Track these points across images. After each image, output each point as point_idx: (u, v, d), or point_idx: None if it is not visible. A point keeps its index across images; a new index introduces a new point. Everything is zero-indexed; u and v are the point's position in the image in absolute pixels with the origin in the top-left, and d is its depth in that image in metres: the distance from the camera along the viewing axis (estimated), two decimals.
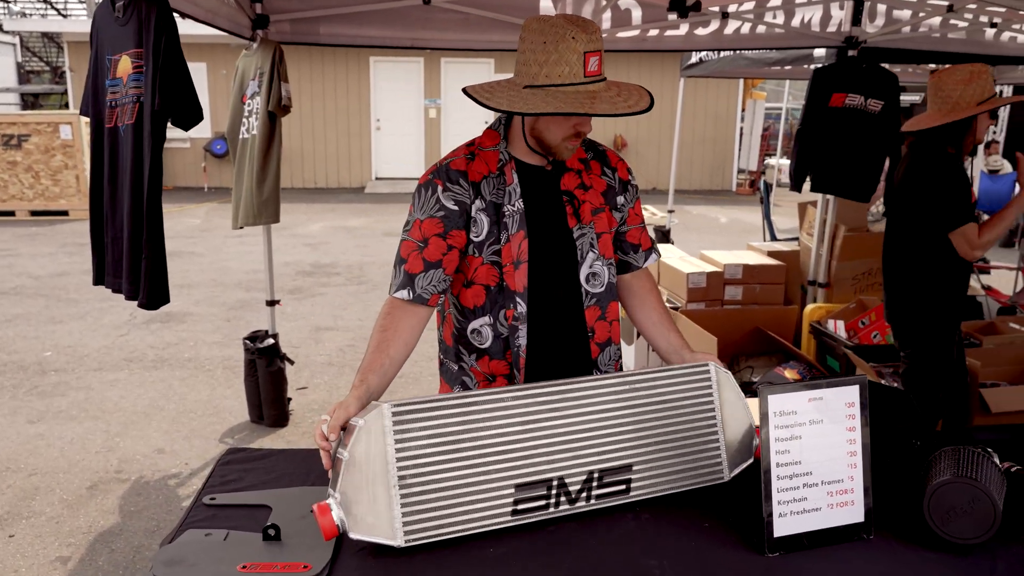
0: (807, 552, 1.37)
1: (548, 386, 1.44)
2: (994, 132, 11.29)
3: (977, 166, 10.56)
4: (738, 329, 4.15)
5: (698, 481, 1.48)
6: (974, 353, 3.64)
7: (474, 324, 1.72)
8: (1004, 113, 12.32)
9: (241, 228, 3.62)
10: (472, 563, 1.33)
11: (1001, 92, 8.31)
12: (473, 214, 1.65)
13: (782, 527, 1.36)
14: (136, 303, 2.61)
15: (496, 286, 1.68)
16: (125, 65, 2.40)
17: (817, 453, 1.39)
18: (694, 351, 1.69)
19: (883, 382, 3.49)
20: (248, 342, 3.77)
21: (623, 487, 1.44)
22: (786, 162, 16.17)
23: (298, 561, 1.30)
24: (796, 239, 5.68)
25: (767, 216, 6.44)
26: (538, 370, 1.71)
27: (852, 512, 1.41)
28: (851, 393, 1.42)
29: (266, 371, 3.70)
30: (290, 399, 3.91)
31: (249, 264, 7.75)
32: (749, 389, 3.98)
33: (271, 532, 1.37)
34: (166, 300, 2.58)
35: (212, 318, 5.86)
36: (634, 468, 1.45)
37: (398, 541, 1.30)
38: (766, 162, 15.93)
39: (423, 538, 1.31)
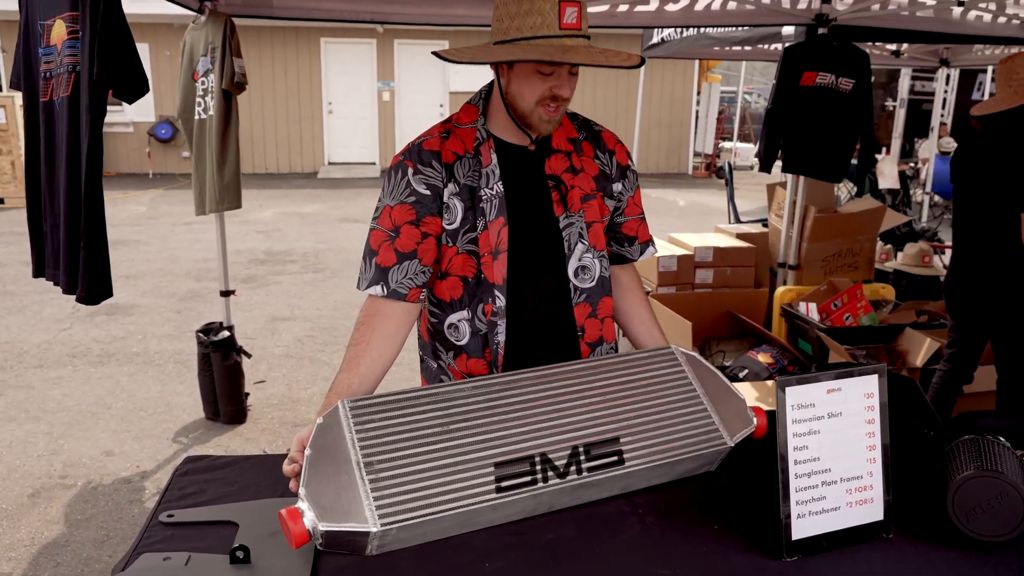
0: (826, 555, 1.28)
1: (515, 374, 1.35)
2: (942, 115, 11.49)
3: (928, 149, 10.76)
4: (709, 313, 4.08)
5: (698, 448, 1.36)
6: (942, 333, 3.62)
7: (451, 319, 1.58)
8: (951, 96, 12.56)
9: (205, 214, 3.41)
10: None
11: None
12: (446, 199, 1.50)
13: (800, 529, 1.26)
14: (75, 297, 2.39)
15: (474, 278, 1.54)
16: (59, 30, 2.17)
17: (836, 448, 1.30)
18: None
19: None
20: (201, 335, 3.56)
21: (615, 458, 1.32)
22: (743, 145, 16.34)
23: None
24: (761, 221, 5.66)
25: (731, 199, 6.41)
26: (518, 363, 1.57)
27: (871, 510, 1.32)
28: (870, 383, 1.33)
29: (221, 365, 3.50)
30: (247, 394, 3.72)
31: (199, 253, 7.45)
32: (723, 374, 3.93)
33: (239, 554, 1.22)
34: (108, 294, 2.37)
35: (161, 310, 5.59)
36: (622, 440, 1.33)
37: (373, 525, 1.16)
38: (721, 145, 16.04)
39: (400, 521, 1.18)
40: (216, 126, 3.20)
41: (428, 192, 1.50)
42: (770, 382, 3.52)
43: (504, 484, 1.26)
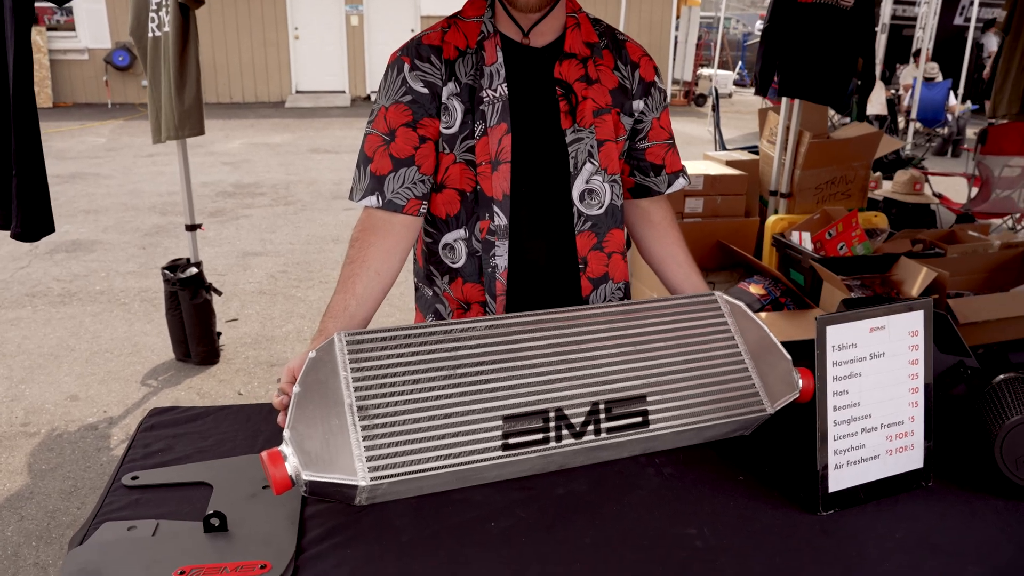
0: (863, 507, 1.17)
1: (534, 314, 1.22)
2: (920, 40, 11.28)
3: (910, 75, 10.57)
4: (699, 243, 3.94)
5: (734, 414, 1.24)
6: (939, 263, 3.54)
7: (447, 238, 1.42)
8: (932, 21, 12.33)
9: (163, 142, 3.16)
10: (471, 543, 1.07)
11: None
12: (444, 99, 1.33)
13: (838, 480, 1.15)
14: (9, 233, 2.16)
15: (472, 192, 1.37)
16: None
17: (877, 392, 1.17)
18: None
19: (852, 295, 3.37)
20: (168, 272, 3.36)
21: (639, 419, 1.20)
22: (723, 72, 16.00)
23: (252, 560, 1.02)
24: (747, 148, 5.49)
25: (717, 125, 6.22)
26: (519, 301, 1.42)
27: (911, 458, 1.21)
28: (915, 320, 1.20)
29: (190, 304, 3.31)
30: (219, 333, 3.55)
31: (163, 186, 7.13)
32: None
33: (214, 521, 1.08)
34: (49, 229, 2.15)
35: (125, 246, 5.34)
36: (649, 399, 1.21)
37: (362, 479, 1.04)
38: (700, 72, 15.69)
39: (392, 476, 1.06)
40: (173, 44, 2.92)
41: (425, 91, 1.32)
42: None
43: (512, 441, 1.13)
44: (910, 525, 1.13)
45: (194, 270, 3.34)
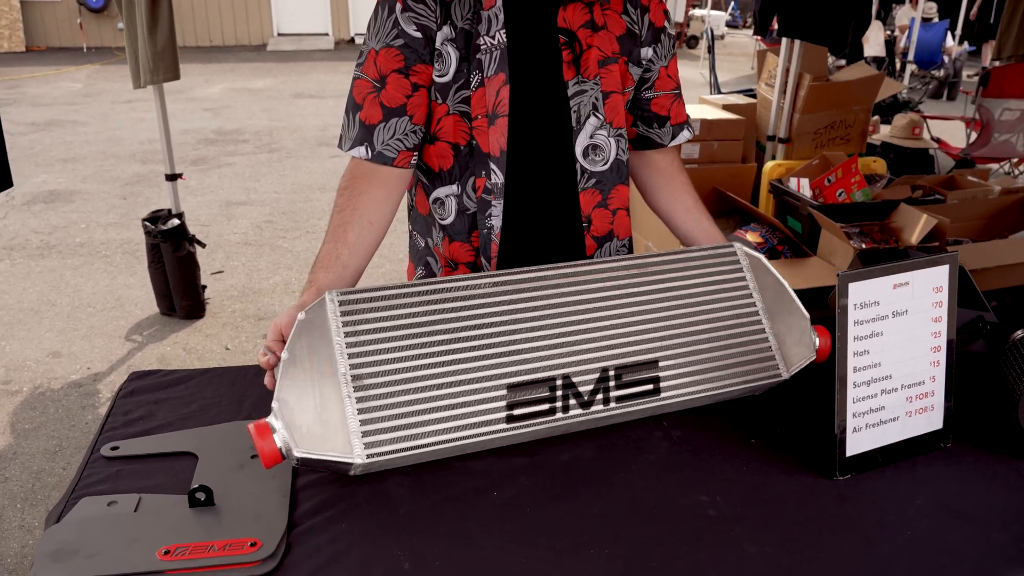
0: (882, 470, 1.12)
1: (540, 269, 1.15)
2: None
3: (906, 15, 10.34)
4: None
5: (749, 380, 1.19)
6: (938, 209, 3.48)
7: (438, 193, 1.34)
8: None
9: (143, 87, 3.01)
10: (473, 515, 1.02)
11: None
12: (438, 45, 1.23)
13: (855, 444, 1.10)
14: None
15: (466, 146, 1.28)
16: None
17: (898, 352, 1.11)
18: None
19: (851, 243, 3.31)
20: (148, 224, 3.24)
21: (651, 386, 1.14)
22: (716, 13, 15.64)
23: (242, 537, 0.96)
24: (742, 92, 5.36)
25: (713, 68, 6.06)
26: (512, 264, 1.34)
27: (931, 419, 1.15)
28: (939, 275, 1.13)
29: (173, 256, 3.21)
30: (204, 286, 3.46)
31: (143, 133, 6.92)
32: None
33: (200, 496, 1.01)
34: (6, 183, 2.03)
35: (105, 196, 5.19)
36: (660, 364, 1.15)
37: (357, 456, 0.98)
38: (691, 13, 15.34)
39: (390, 452, 1.00)
40: None
41: (419, 35, 1.22)
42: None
43: (516, 413, 1.07)
44: (931, 490, 1.08)
45: (176, 221, 3.23)
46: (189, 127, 7.20)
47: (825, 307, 1.25)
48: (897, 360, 1.11)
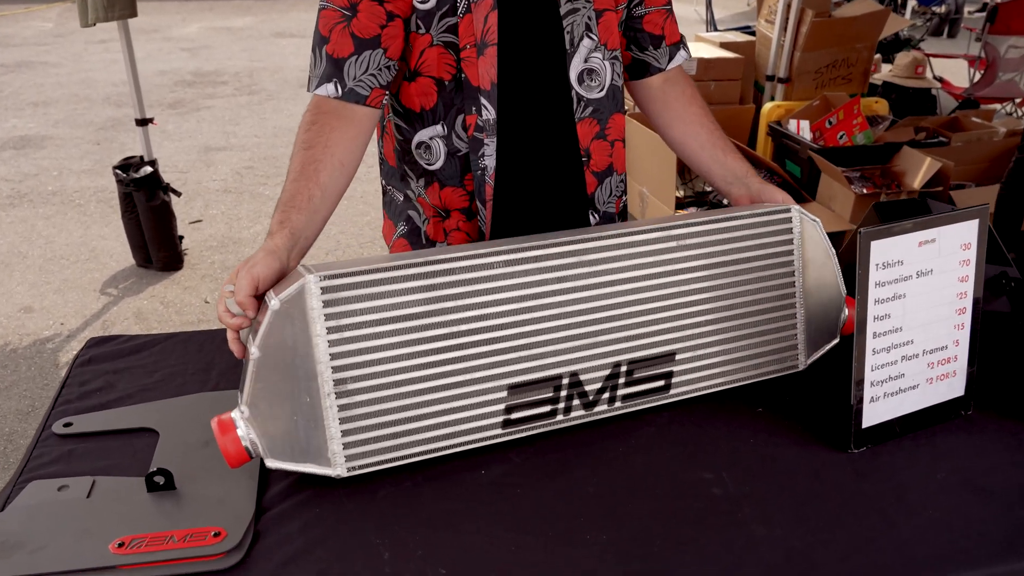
0: (899, 441, 1.04)
1: (553, 242, 0.98)
2: None
3: None
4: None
5: (763, 372, 1.11)
6: (942, 152, 3.37)
7: (421, 136, 1.22)
8: None
9: (92, 25, 2.82)
10: (459, 497, 0.93)
11: None
12: None
13: (872, 415, 1.02)
14: None
15: (452, 81, 1.16)
16: None
17: (921, 315, 1.02)
18: (764, 181, 1.24)
19: (852, 189, 3.21)
20: (120, 172, 3.09)
21: (661, 383, 1.05)
22: None
23: (204, 525, 0.87)
24: (739, 29, 5.16)
25: (709, 4, 5.83)
26: (509, 207, 1.24)
27: (952, 386, 1.07)
28: (968, 231, 1.03)
29: (147, 206, 3.08)
30: (182, 237, 3.33)
31: (117, 75, 6.65)
32: (703, 200, 3.64)
33: (158, 479, 0.92)
34: None
35: (78, 141, 4.99)
36: (678, 357, 1.05)
37: (337, 469, 0.89)
38: None
39: (374, 464, 0.92)
40: None
41: None
42: None
43: (514, 416, 0.98)
44: (952, 463, 1.00)
45: (148, 169, 3.08)
46: (166, 68, 6.93)
47: None
48: (919, 324, 1.02)
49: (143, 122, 3.10)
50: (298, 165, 1.07)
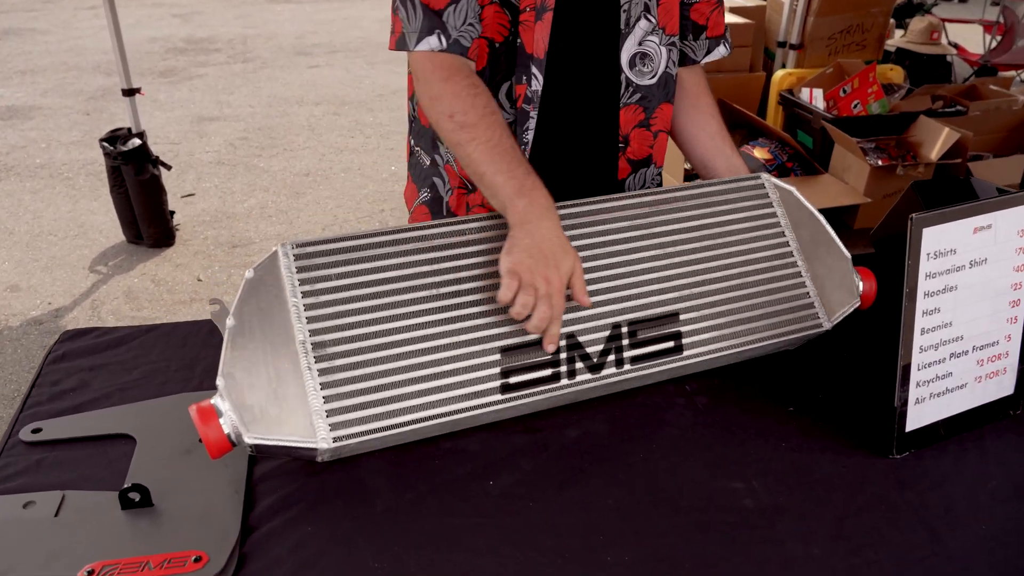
0: (944, 444, 0.96)
1: None
2: None
3: None
4: None
5: (785, 332, 1.02)
6: (960, 122, 3.25)
7: None
8: None
9: None
10: (464, 510, 0.85)
11: None
12: None
13: (917, 417, 0.93)
14: None
15: (503, 44, 1.06)
16: None
17: (972, 308, 0.93)
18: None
19: (868, 160, 3.09)
20: (107, 144, 2.98)
21: (670, 343, 0.96)
22: None
23: (185, 549, 0.79)
24: None
25: None
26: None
27: (1002, 384, 0.99)
28: None
29: (136, 180, 2.96)
30: (173, 212, 3.22)
31: (108, 42, 6.39)
32: (690, 175, 3.53)
33: (133, 496, 0.84)
34: None
35: (67, 112, 4.85)
36: (682, 318, 0.97)
37: (322, 440, 0.82)
38: None
39: (362, 434, 0.84)
40: None
41: None
42: None
43: (513, 381, 0.89)
44: (1003, 470, 0.92)
45: (137, 141, 2.96)
46: (157, 35, 6.75)
47: (838, 229, 1.07)
48: (970, 318, 0.93)
49: (130, 92, 2.97)
50: (501, 131, 0.96)
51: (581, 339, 0.93)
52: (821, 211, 1.06)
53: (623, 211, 1.00)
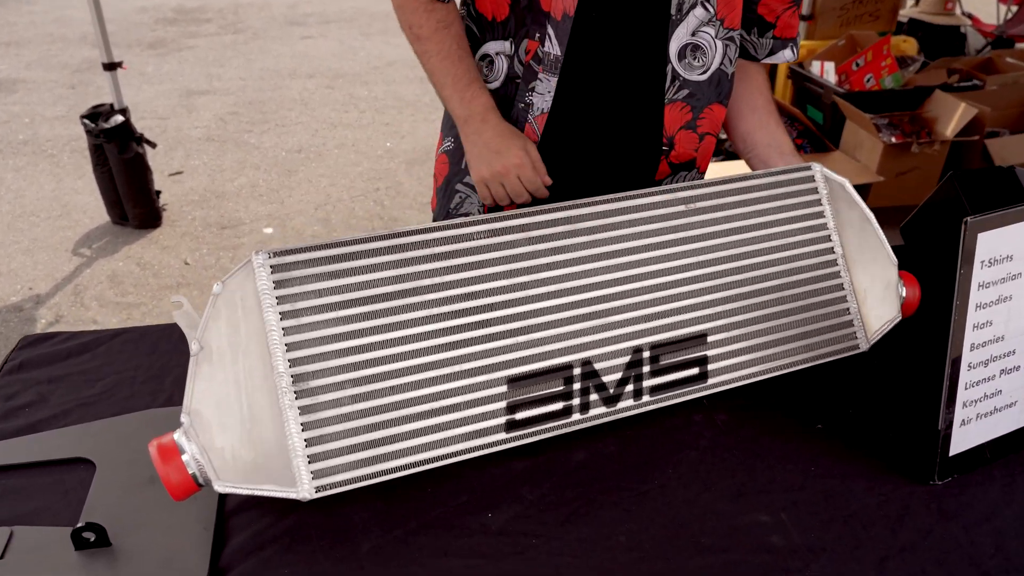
0: (989, 469, 0.87)
1: (549, 210, 0.84)
2: None
3: None
4: None
5: (819, 355, 0.92)
6: (977, 96, 3.13)
7: (488, 48, 1.05)
8: None
9: None
10: (460, 550, 0.76)
11: None
12: None
13: (962, 440, 0.84)
14: None
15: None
16: None
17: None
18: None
19: (881, 137, 2.98)
20: (88, 122, 2.85)
21: (695, 370, 0.87)
22: None
23: None
24: None
25: None
26: (560, 169, 1.04)
27: None
28: None
29: (119, 159, 2.85)
30: (159, 192, 3.10)
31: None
32: (719, 150, 3.41)
33: (88, 536, 0.74)
34: None
35: (52, 85, 4.71)
36: (711, 339, 0.87)
37: (303, 490, 0.72)
38: None
39: (348, 481, 0.74)
40: None
41: None
42: None
43: (520, 417, 0.79)
44: None
45: (119, 118, 2.84)
46: (146, 4, 6.57)
47: None
48: (1022, 331, 0.83)
49: (111, 66, 2.84)
50: (446, 48, 1.01)
51: (597, 366, 0.82)
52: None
53: (648, 211, 0.87)
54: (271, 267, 0.74)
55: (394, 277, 0.77)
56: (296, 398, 0.72)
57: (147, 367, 1.01)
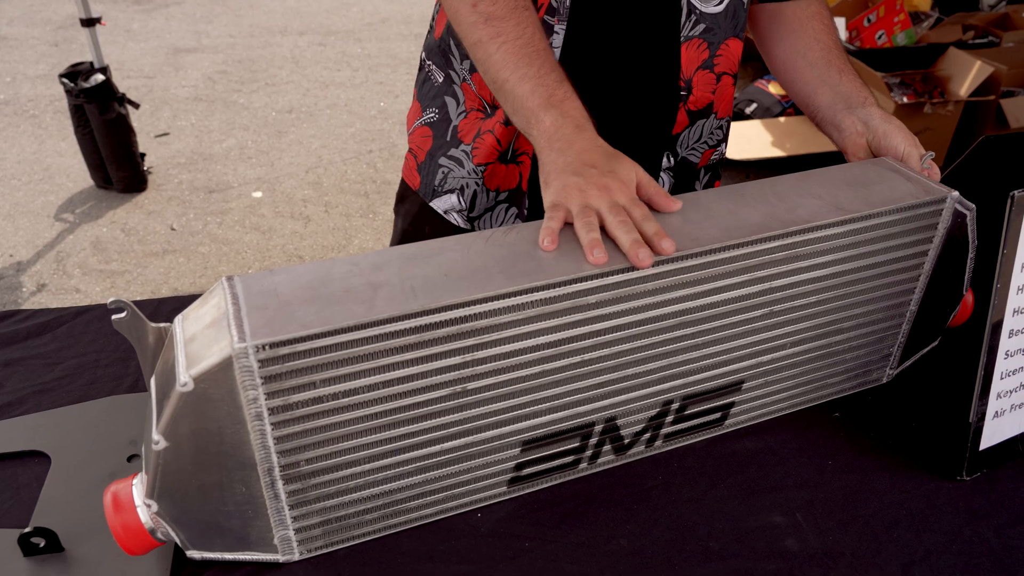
0: (1021, 462, 0.80)
1: (587, 277, 0.63)
2: None
3: None
4: None
5: (839, 391, 0.85)
6: (992, 54, 3.01)
7: None
8: None
9: None
10: (446, 554, 0.70)
11: None
12: None
13: (994, 432, 0.77)
14: None
15: None
16: None
17: None
18: (888, 116, 0.92)
19: (892, 96, 2.87)
20: (67, 81, 2.74)
21: (716, 416, 0.79)
22: None
23: None
24: None
25: None
26: None
27: None
28: None
29: (100, 120, 2.74)
30: (143, 154, 3.00)
31: None
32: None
33: (38, 541, 0.68)
34: None
35: (34, 42, 4.55)
36: (745, 387, 0.78)
37: (288, 553, 0.66)
38: None
39: (337, 544, 0.68)
40: None
41: None
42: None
43: (525, 473, 0.73)
44: None
45: (100, 77, 2.72)
46: None
47: None
48: None
49: (89, 22, 2.71)
50: (533, 30, 0.80)
51: (620, 421, 0.73)
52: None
53: (720, 266, 0.67)
54: (258, 361, 0.55)
55: (402, 361, 0.60)
56: (284, 484, 0.62)
57: (111, 349, 0.94)
